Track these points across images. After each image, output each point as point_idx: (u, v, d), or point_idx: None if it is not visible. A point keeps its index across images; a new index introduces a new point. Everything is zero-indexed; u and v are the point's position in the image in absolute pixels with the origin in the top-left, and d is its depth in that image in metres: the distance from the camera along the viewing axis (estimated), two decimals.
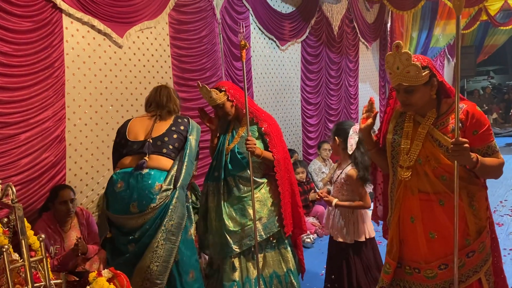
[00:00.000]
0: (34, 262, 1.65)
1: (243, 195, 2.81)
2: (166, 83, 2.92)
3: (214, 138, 2.98)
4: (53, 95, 3.05)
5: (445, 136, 1.93)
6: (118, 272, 1.71)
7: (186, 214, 2.55)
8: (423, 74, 1.88)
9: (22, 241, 1.43)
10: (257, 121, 2.86)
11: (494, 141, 1.94)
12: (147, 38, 3.82)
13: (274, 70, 5.57)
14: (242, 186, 2.82)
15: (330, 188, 2.95)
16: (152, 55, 3.88)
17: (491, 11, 8.73)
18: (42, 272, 1.65)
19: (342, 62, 6.88)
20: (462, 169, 1.93)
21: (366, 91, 7.87)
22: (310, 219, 4.83)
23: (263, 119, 2.88)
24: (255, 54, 5.18)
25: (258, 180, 2.86)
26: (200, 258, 3.24)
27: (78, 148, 3.31)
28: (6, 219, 1.93)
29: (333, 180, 2.89)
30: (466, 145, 1.76)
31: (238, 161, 2.81)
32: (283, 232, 2.88)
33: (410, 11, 7.13)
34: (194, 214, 3.07)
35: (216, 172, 2.88)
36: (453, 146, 1.77)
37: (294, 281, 2.91)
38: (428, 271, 2.02)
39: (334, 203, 2.76)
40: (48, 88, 3.01)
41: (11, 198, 1.46)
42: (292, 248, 3.00)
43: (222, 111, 2.86)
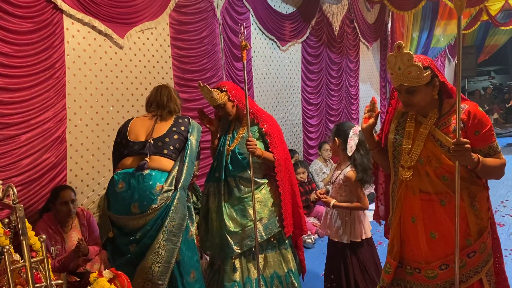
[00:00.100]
0: (35, 263, 1.65)
1: (244, 196, 2.81)
2: (167, 83, 2.92)
3: (214, 139, 2.98)
4: (54, 96, 3.05)
5: (446, 136, 1.92)
6: (119, 272, 1.71)
7: (187, 215, 2.54)
8: (425, 74, 1.88)
9: (23, 241, 1.43)
10: (257, 121, 2.86)
11: (496, 141, 1.94)
12: (148, 38, 3.82)
13: (275, 70, 5.57)
14: (242, 187, 2.82)
15: (329, 187, 2.95)
16: (152, 56, 3.88)
17: (492, 11, 8.73)
18: (43, 272, 1.66)
19: (343, 63, 6.88)
20: (464, 169, 1.92)
21: (367, 92, 7.86)
22: (311, 220, 4.82)
23: (264, 120, 2.87)
24: (256, 55, 5.18)
25: (258, 180, 2.86)
26: (201, 258, 3.24)
27: (79, 149, 3.31)
28: (7, 220, 1.94)
29: (331, 180, 2.90)
30: (467, 145, 1.75)
31: (238, 161, 2.81)
32: (284, 232, 2.88)
33: (411, 12, 7.13)
34: (195, 215, 3.06)
35: (216, 172, 2.87)
36: (454, 146, 1.77)
37: (295, 281, 2.91)
38: (429, 271, 2.02)
39: (332, 204, 2.76)
40: (49, 89, 3.02)
41: (12, 198, 1.46)
42: (292, 248, 2.99)
43: (223, 112, 2.87)
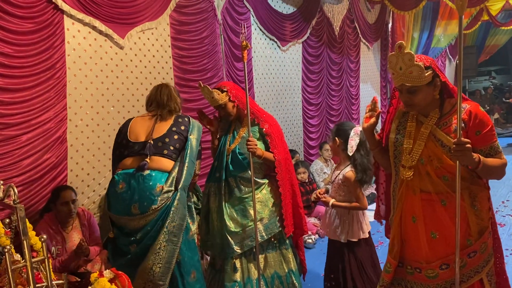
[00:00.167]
0: (35, 263, 1.65)
1: (244, 196, 2.81)
2: (167, 82, 2.92)
3: (214, 139, 2.98)
4: (54, 96, 3.05)
5: (447, 136, 1.92)
6: (120, 272, 1.71)
7: (186, 215, 2.54)
8: (426, 74, 1.87)
9: (24, 241, 1.42)
10: (258, 121, 2.86)
11: (497, 141, 1.93)
12: (148, 39, 3.82)
13: (275, 70, 5.57)
14: (243, 187, 2.82)
15: (329, 187, 2.95)
16: (153, 56, 3.88)
17: (493, 11, 8.73)
18: (44, 272, 1.65)
19: (343, 63, 6.87)
20: (464, 169, 1.92)
21: (367, 92, 7.86)
22: (312, 220, 4.82)
23: (264, 120, 2.87)
24: (256, 55, 5.17)
25: (259, 180, 2.86)
26: (202, 259, 3.24)
27: (80, 149, 3.31)
28: (8, 220, 1.93)
29: (331, 180, 2.90)
30: (468, 145, 1.75)
31: (239, 161, 2.81)
32: (284, 232, 2.87)
33: (411, 12, 7.13)
34: (196, 215, 3.06)
35: (217, 173, 2.87)
36: (455, 146, 1.77)
37: (295, 281, 2.91)
38: (429, 271, 2.02)
39: (331, 203, 2.76)
40: (49, 89, 3.02)
41: (13, 199, 1.46)
42: (293, 248, 2.99)
43: (223, 112, 2.87)
